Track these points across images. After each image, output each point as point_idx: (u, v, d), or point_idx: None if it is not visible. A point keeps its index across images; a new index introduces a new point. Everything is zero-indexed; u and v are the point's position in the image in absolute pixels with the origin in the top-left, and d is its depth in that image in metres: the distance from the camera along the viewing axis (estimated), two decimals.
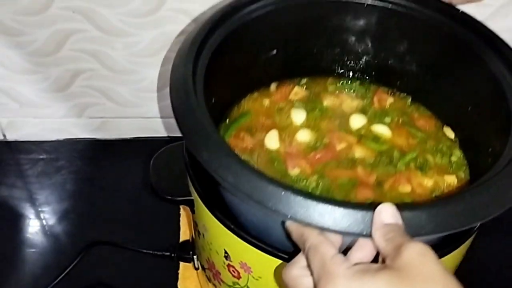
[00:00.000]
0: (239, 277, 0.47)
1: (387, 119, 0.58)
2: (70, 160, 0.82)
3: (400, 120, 0.58)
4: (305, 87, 0.60)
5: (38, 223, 0.73)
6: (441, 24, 0.52)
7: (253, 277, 0.46)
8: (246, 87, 0.59)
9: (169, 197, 0.49)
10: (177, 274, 0.66)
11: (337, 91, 0.61)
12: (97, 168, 0.81)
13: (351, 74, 0.62)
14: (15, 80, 0.75)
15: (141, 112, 0.81)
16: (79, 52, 0.72)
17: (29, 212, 0.75)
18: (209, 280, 0.55)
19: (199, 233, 0.52)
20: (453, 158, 0.54)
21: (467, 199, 0.36)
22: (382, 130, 0.56)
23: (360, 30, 0.57)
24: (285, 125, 0.56)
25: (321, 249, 0.34)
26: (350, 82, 0.62)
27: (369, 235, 0.35)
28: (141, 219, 0.73)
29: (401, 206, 0.35)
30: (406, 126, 0.57)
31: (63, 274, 0.62)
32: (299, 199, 0.35)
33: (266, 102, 0.59)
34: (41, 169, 0.81)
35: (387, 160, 0.53)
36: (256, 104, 0.59)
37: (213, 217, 0.45)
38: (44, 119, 0.81)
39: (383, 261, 0.34)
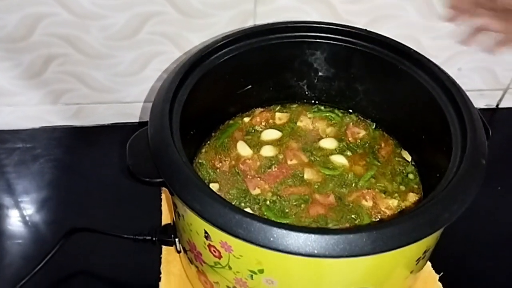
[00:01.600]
0: (220, 257, 0.47)
1: (349, 151, 0.63)
2: (47, 148, 0.80)
3: (363, 150, 0.63)
4: (285, 112, 0.68)
5: (17, 213, 0.72)
6: (383, 55, 0.59)
7: (234, 256, 0.45)
8: (228, 113, 0.66)
9: (147, 179, 0.48)
10: (160, 258, 0.65)
11: (312, 117, 0.67)
12: (75, 155, 0.80)
13: (320, 101, 0.68)
14: None
15: (118, 97, 0.80)
16: (51, 36, 0.71)
17: (8, 202, 0.73)
18: (191, 262, 0.55)
19: (179, 215, 0.51)
20: (410, 176, 0.61)
21: (401, 224, 0.41)
22: (339, 159, 0.62)
23: (319, 64, 0.64)
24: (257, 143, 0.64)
25: None
26: (322, 110, 0.68)
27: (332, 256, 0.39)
28: (121, 205, 0.72)
29: (344, 230, 0.41)
30: (366, 155, 0.62)
31: (42, 263, 0.61)
32: (258, 225, 0.40)
33: (246, 125, 0.66)
34: (18, 158, 0.79)
35: (341, 182, 0.59)
36: (236, 127, 0.66)
37: None
38: (19, 107, 0.79)
39: None
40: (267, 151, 0.62)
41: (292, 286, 0.46)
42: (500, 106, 0.89)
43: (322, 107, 0.68)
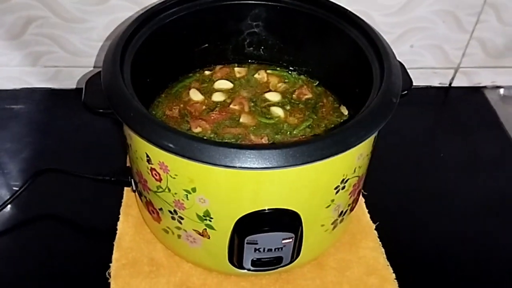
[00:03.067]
0: (160, 180, 0.53)
1: (289, 105, 0.67)
2: (27, 109, 0.86)
3: (305, 106, 0.68)
4: (244, 67, 0.73)
5: None
6: (324, 16, 0.64)
7: (171, 176, 0.51)
8: (188, 67, 0.71)
9: (101, 110, 0.54)
10: (121, 203, 0.71)
11: (270, 73, 0.72)
12: (53, 117, 0.85)
13: (273, 63, 0.73)
14: None
15: (94, 61, 0.85)
16: None
17: None
18: (141, 194, 0.61)
19: (129, 146, 0.57)
20: None
21: (311, 143, 0.46)
22: (277, 110, 0.66)
23: (262, 26, 0.69)
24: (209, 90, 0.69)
25: None
26: (278, 70, 0.73)
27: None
28: (94, 161, 0.77)
29: (260, 145, 0.48)
30: (306, 110, 0.67)
31: (10, 200, 0.67)
32: (186, 140, 0.46)
33: (205, 77, 0.71)
34: None
35: (276, 130, 0.63)
36: (194, 79, 0.71)
37: None
38: (1, 68, 0.85)
39: None
40: (217, 96, 0.67)
41: (221, 206, 0.52)
42: (453, 85, 0.94)
43: (278, 68, 0.73)
